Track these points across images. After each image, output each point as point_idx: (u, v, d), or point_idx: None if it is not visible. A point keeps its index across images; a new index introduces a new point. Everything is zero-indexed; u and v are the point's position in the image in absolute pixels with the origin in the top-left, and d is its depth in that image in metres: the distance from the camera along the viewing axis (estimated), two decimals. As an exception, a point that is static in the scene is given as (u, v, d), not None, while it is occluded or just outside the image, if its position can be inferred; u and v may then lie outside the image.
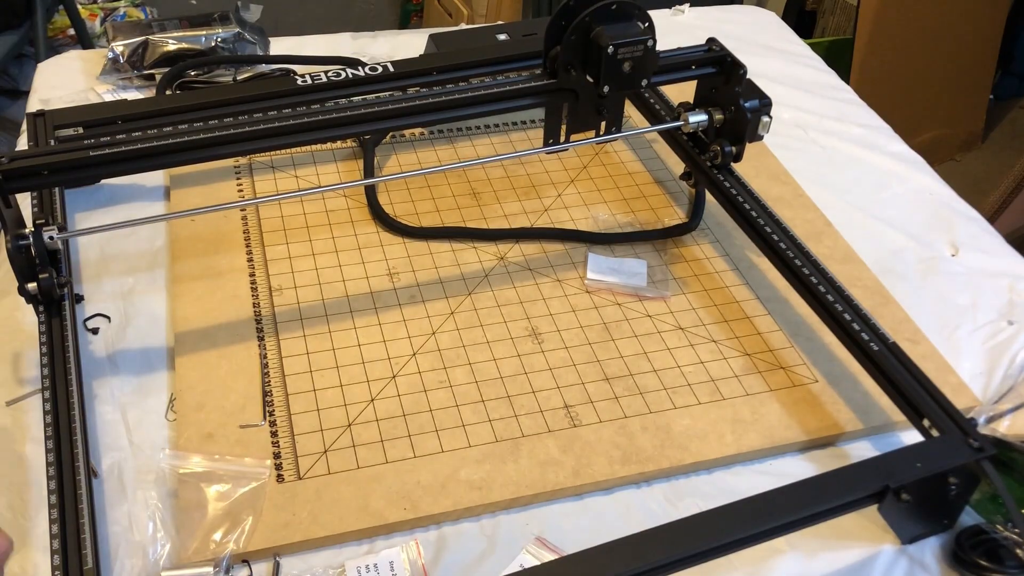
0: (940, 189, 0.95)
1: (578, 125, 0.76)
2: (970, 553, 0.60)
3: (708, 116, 0.80)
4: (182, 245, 0.80)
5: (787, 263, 0.73)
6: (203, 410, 0.67)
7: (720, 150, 0.79)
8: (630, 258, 0.82)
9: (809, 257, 0.73)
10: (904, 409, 0.63)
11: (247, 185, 0.87)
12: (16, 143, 0.96)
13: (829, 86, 1.11)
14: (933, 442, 0.61)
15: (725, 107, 0.79)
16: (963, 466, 0.58)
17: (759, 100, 0.77)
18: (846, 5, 2.32)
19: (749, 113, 0.77)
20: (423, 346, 0.73)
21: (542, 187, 0.90)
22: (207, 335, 0.72)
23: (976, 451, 0.58)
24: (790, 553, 0.61)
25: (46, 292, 0.64)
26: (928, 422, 0.61)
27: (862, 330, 0.67)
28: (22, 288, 0.64)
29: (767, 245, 0.75)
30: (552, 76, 0.74)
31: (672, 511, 0.64)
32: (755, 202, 0.78)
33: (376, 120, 0.72)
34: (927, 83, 2.26)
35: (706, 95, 0.81)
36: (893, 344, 0.66)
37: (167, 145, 0.67)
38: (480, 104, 0.75)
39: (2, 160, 0.62)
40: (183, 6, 2.44)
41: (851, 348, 0.68)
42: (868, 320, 0.67)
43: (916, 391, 0.63)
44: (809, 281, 0.71)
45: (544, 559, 0.60)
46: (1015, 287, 0.83)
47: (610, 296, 0.78)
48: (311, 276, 0.78)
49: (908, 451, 0.60)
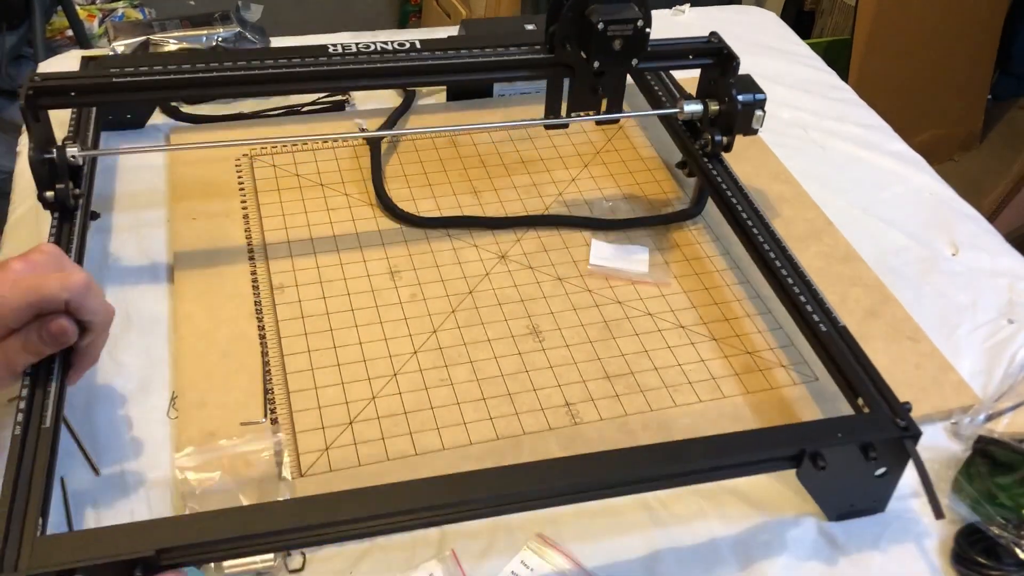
0: (940, 189, 0.96)
1: (577, 103, 0.80)
2: (969, 551, 0.61)
3: (704, 106, 0.82)
4: (184, 242, 0.80)
5: (761, 254, 0.74)
6: (205, 408, 0.67)
7: (711, 139, 0.82)
8: (632, 244, 0.83)
9: (779, 244, 0.75)
10: (842, 388, 0.65)
11: (249, 194, 0.87)
12: (16, 143, 0.96)
13: (829, 86, 1.12)
14: (859, 417, 0.62)
15: (721, 99, 0.82)
16: (886, 442, 0.59)
17: (753, 95, 0.79)
18: (844, 5, 2.33)
19: (741, 105, 0.79)
20: (424, 344, 0.73)
21: (543, 185, 0.90)
22: (208, 333, 0.72)
23: (901, 430, 0.60)
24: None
25: (61, 200, 0.71)
26: (862, 401, 0.63)
27: (814, 312, 0.69)
28: (41, 195, 0.71)
29: (741, 231, 0.77)
30: (551, 52, 0.78)
31: (672, 511, 0.64)
32: (737, 190, 0.80)
33: (378, 76, 0.78)
34: (925, 83, 2.27)
35: (706, 87, 0.84)
36: (843, 328, 0.68)
37: (193, 79, 0.74)
38: (482, 71, 0.80)
39: (35, 78, 0.70)
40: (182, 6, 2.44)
41: (802, 328, 0.70)
42: (823, 304, 0.69)
43: (856, 373, 0.64)
44: (774, 265, 0.73)
45: (546, 556, 0.60)
46: (1015, 286, 0.83)
47: (611, 294, 0.78)
48: (312, 274, 0.78)
49: (833, 421, 0.63)
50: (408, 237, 0.83)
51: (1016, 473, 0.64)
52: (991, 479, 0.64)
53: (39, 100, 0.71)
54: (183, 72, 0.74)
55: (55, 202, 0.71)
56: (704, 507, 0.64)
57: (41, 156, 0.70)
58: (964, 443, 0.67)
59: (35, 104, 0.70)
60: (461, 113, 0.99)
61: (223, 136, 0.92)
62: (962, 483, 0.64)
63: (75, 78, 0.73)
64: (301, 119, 0.96)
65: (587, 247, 0.83)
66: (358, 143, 0.93)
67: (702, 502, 0.64)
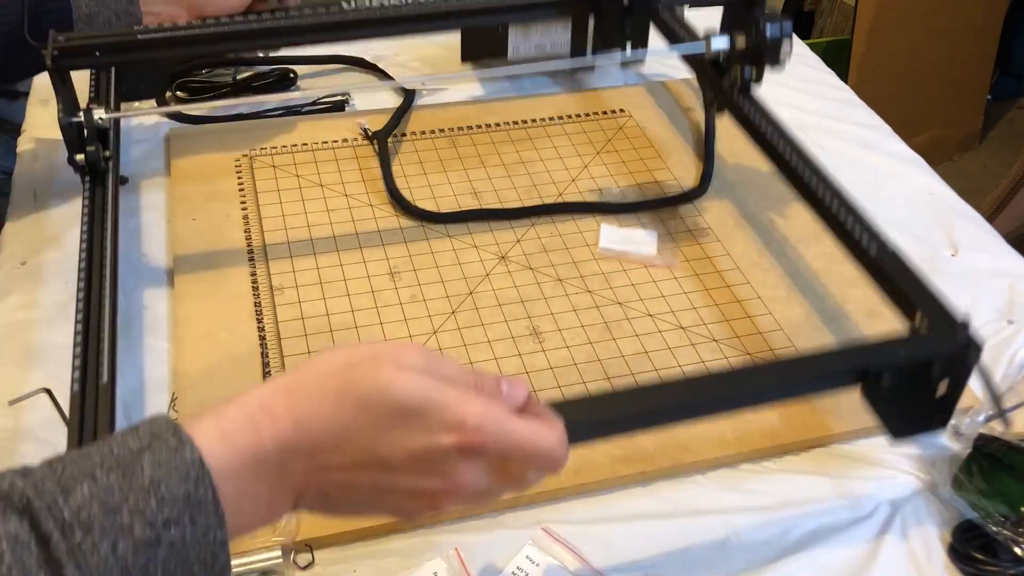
0: (940, 189, 0.96)
1: (603, 42, 0.80)
2: (966, 547, 0.61)
3: (731, 40, 0.81)
4: (184, 243, 0.80)
5: (805, 184, 0.73)
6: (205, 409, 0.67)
7: (740, 74, 0.81)
8: (640, 228, 0.85)
9: (826, 180, 0.73)
10: (899, 306, 0.64)
11: (249, 195, 0.87)
12: (15, 143, 0.96)
13: (828, 86, 1.12)
14: (919, 336, 0.62)
15: (747, 32, 0.81)
16: (948, 357, 0.59)
17: (780, 23, 0.79)
18: (844, 5, 2.33)
19: (769, 35, 0.78)
20: (424, 345, 0.73)
21: (543, 186, 0.90)
22: (208, 334, 0.72)
23: (961, 346, 0.59)
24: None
25: (92, 163, 0.72)
26: (920, 317, 0.62)
27: (863, 237, 0.68)
28: (71, 158, 0.72)
29: (780, 162, 0.76)
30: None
31: (678, 504, 0.64)
32: (773, 126, 0.78)
33: (396, 23, 0.79)
34: (925, 84, 2.27)
35: (730, 22, 0.83)
36: (893, 251, 0.67)
37: (215, 34, 0.74)
38: (509, 11, 0.81)
39: (59, 39, 0.71)
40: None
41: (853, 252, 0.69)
42: (871, 229, 0.68)
43: (912, 291, 0.64)
44: (816, 194, 0.72)
45: (551, 550, 0.60)
46: (1015, 287, 0.83)
47: (611, 295, 0.79)
48: (312, 275, 0.78)
49: (894, 341, 0.62)
50: (408, 238, 0.83)
51: (1016, 471, 0.64)
52: (991, 476, 0.65)
53: (64, 61, 0.71)
54: (208, 27, 0.74)
55: (86, 164, 0.72)
56: (710, 501, 0.64)
57: (69, 119, 0.71)
58: (964, 443, 0.68)
59: (60, 65, 0.70)
60: (464, 110, 0.99)
61: (223, 137, 0.92)
62: (962, 480, 0.64)
63: (100, 37, 0.73)
64: (301, 120, 0.96)
65: (587, 247, 0.83)
66: (358, 144, 0.93)
67: (708, 496, 0.64)
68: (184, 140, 0.92)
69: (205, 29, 0.74)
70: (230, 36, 0.75)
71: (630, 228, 0.86)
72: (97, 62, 0.75)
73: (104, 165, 0.73)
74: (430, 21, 0.79)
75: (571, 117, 0.99)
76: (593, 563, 0.60)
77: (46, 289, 0.77)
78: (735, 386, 0.58)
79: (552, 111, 1.00)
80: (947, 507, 0.64)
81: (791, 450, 0.68)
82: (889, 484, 0.66)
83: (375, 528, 0.61)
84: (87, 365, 0.58)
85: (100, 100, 0.79)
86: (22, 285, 0.77)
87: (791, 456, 0.68)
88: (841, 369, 0.59)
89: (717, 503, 0.64)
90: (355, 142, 0.94)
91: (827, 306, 0.79)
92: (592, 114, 1.00)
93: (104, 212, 0.70)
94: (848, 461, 0.68)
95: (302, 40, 0.84)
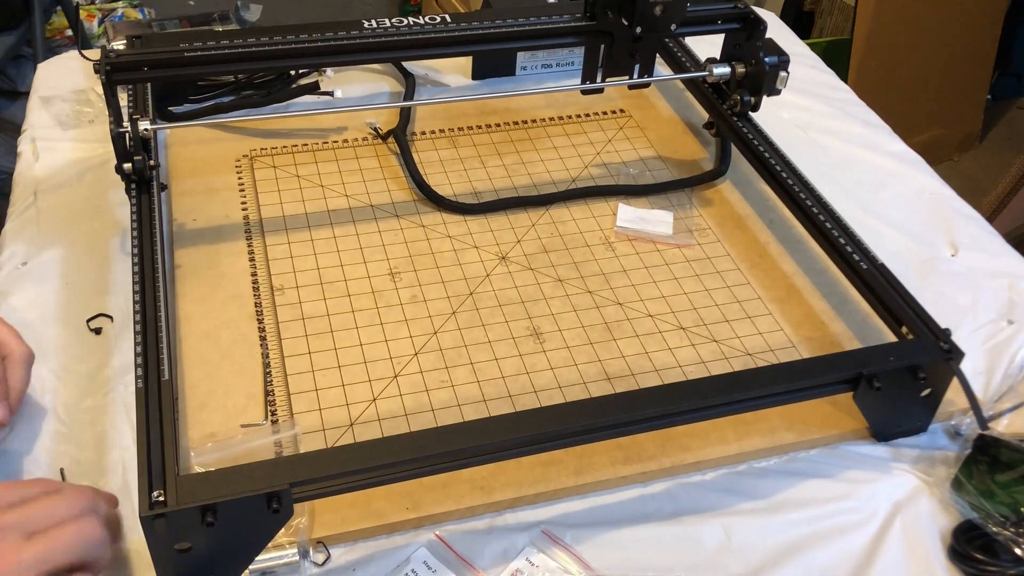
0: (940, 189, 0.96)
1: (613, 69, 0.85)
2: (966, 547, 0.61)
3: (731, 68, 0.87)
4: (184, 243, 0.80)
5: (798, 203, 0.81)
6: (205, 409, 0.67)
7: (739, 99, 0.87)
8: (657, 209, 0.88)
9: (820, 199, 0.80)
10: (885, 318, 0.71)
11: (249, 195, 0.87)
12: (16, 143, 0.96)
13: (828, 86, 1.12)
14: (907, 342, 0.68)
15: (747, 61, 0.86)
16: (933, 363, 0.65)
17: (778, 56, 0.84)
18: (844, 5, 2.33)
19: (768, 67, 0.84)
20: (425, 346, 0.73)
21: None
22: (209, 334, 0.72)
23: (945, 352, 0.65)
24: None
25: (139, 171, 0.76)
26: (906, 328, 0.68)
27: (853, 251, 0.75)
28: (119, 168, 0.76)
29: (779, 186, 0.83)
30: (591, 19, 0.83)
31: (677, 508, 0.64)
32: (767, 144, 0.86)
33: (419, 47, 0.83)
34: (925, 83, 2.27)
35: (730, 52, 0.89)
36: (881, 265, 0.73)
37: (255, 52, 0.79)
38: (524, 39, 0.85)
39: (111, 55, 0.75)
40: (182, 6, 2.44)
41: (842, 267, 0.76)
42: (860, 244, 0.75)
43: (898, 303, 0.70)
44: (817, 219, 0.78)
45: (550, 553, 0.60)
46: (1015, 286, 0.83)
47: (612, 296, 0.79)
48: (313, 276, 0.78)
49: (884, 347, 0.67)
50: (409, 238, 0.83)
51: (1016, 471, 0.64)
52: (991, 477, 0.65)
53: (115, 76, 0.75)
54: (248, 46, 0.78)
55: (134, 172, 0.76)
56: (709, 501, 0.64)
57: (118, 130, 0.75)
58: (964, 443, 0.68)
59: (112, 79, 0.75)
60: (464, 110, 0.99)
61: (224, 137, 0.92)
62: (962, 481, 0.65)
63: (147, 54, 0.78)
64: (301, 119, 0.96)
65: (588, 248, 0.83)
66: (359, 143, 0.93)
67: (708, 496, 0.64)
68: (184, 140, 0.92)
69: (247, 48, 0.78)
70: (271, 56, 0.79)
71: (646, 209, 0.88)
72: (145, 77, 0.79)
73: (149, 173, 0.77)
74: (448, 47, 0.84)
75: (572, 117, 1.00)
76: (593, 565, 0.60)
77: (47, 289, 0.76)
78: (728, 392, 0.61)
79: (553, 111, 1.00)
80: (947, 507, 0.64)
81: (791, 450, 0.68)
82: (889, 484, 0.66)
83: (376, 528, 0.61)
84: (148, 364, 0.61)
85: (139, 110, 0.83)
86: (22, 285, 0.77)
87: (791, 456, 0.68)
88: (836, 375, 0.63)
89: (717, 503, 0.64)
90: (355, 142, 0.94)
91: (827, 306, 0.79)
92: (593, 114, 1.00)
93: (152, 218, 0.74)
94: (848, 461, 0.68)
95: (336, 61, 0.91)
